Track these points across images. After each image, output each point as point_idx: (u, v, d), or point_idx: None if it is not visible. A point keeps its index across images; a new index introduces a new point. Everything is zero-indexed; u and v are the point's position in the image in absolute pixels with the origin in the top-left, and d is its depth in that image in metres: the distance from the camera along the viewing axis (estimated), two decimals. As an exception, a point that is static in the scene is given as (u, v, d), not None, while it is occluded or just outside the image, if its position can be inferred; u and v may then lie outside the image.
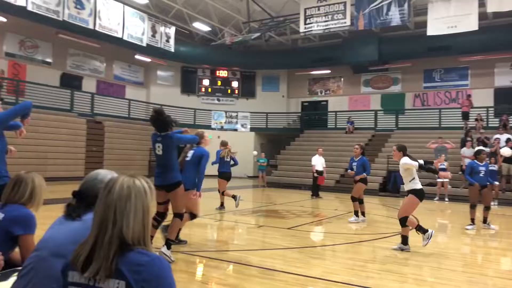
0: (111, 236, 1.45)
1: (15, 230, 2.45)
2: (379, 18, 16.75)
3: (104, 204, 1.49)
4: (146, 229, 1.52)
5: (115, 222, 1.46)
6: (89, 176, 2.05)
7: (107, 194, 1.50)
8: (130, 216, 1.47)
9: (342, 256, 5.97)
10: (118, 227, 1.46)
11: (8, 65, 18.25)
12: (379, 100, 23.56)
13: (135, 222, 1.48)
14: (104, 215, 1.48)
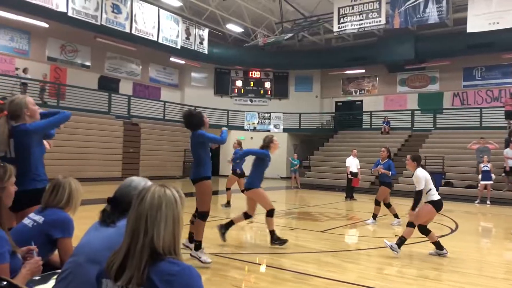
0: (143, 245, 1.47)
1: (54, 233, 2.52)
2: (416, 16, 16.29)
3: (136, 213, 1.51)
4: (177, 238, 1.53)
5: (146, 231, 1.48)
6: (123, 183, 2.09)
7: (139, 203, 1.52)
8: (161, 225, 1.49)
9: (377, 260, 5.82)
10: (149, 237, 1.48)
11: (50, 69, 19.00)
12: (415, 100, 22.96)
13: (166, 232, 1.49)
14: (135, 225, 1.50)
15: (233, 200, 10.70)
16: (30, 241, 2.38)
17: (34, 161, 3.37)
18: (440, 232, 8.27)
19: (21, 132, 3.34)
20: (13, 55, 17.79)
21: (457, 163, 16.62)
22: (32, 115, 3.49)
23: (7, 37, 17.57)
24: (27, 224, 2.56)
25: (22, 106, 3.42)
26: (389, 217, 10.07)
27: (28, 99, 3.52)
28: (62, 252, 2.55)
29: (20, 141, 3.34)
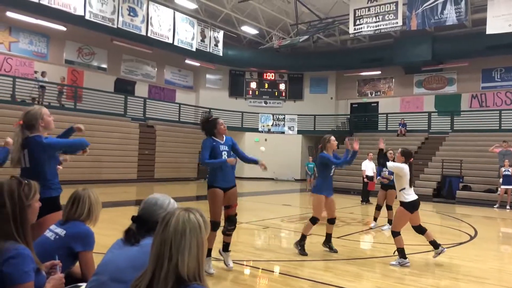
0: (167, 271, 1.46)
1: (75, 246, 2.54)
2: (433, 18, 16.06)
3: (160, 239, 1.51)
4: (201, 264, 1.53)
5: (170, 257, 1.47)
6: (148, 202, 2.08)
7: (163, 229, 1.52)
8: (185, 252, 1.48)
9: (395, 269, 5.73)
10: (174, 263, 1.47)
11: (68, 71, 19.26)
12: (432, 101, 22.65)
13: (190, 258, 1.49)
14: (160, 250, 1.49)
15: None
16: (52, 254, 2.40)
17: (49, 171, 3.44)
18: (459, 239, 8.13)
19: (35, 144, 3.42)
20: (32, 58, 18.09)
21: (476, 167, 16.33)
22: (47, 126, 3.55)
23: (27, 40, 17.88)
24: (49, 237, 2.58)
25: (37, 117, 3.49)
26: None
27: (44, 111, 3.58)
28: (84, 265, 2.57)
29: (33, 152, 3.42)
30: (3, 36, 17.16)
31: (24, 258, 1.88)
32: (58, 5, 15.10)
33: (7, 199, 1.93)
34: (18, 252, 1.88)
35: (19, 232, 1.94)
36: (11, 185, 1.98)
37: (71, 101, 17.90)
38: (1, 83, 15.52)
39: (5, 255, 1.85)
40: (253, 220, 9.41)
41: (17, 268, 1.86)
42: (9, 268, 1.86)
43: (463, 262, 6.18)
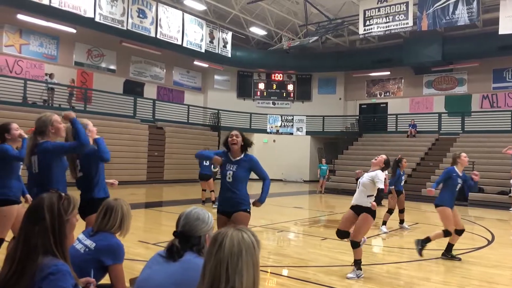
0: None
1: (106, 260, 2.50)
2: (445, 18, 15.93)
3: (215, 261, 1.46)
4: (257, 285, 1.48)
5: (227, 280, 1.43)
6: (190, 217, 2.04)
7: (217, 249, 1.47)
8: (243, 273, 1.44)
9: (416, 275, 5.64)
10: (231, 286, 1.42)
11: (77, 73, 19.31)
12: (442, 102, 22.48)
13: (248, 279, 1.44)
14: (216, 273, 1.44)
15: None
16: (82, 267, 2.37)
17: (55, 177, 3.49)
18: (476, 243, 8.02)
19: (42, 149, 3.49)
20: (42, 60, 18.16)
21: (488, 168, 16.15)
22: (56, 132, 3.62)
23: (37, 43, 17.94)
24: (79, 250, 2.54)
25: (47, 123, 3.56)
26: (422, 226, 9.87)
27: (55, 117, 3.64)
28: (114, 279, 2.54)
29: (41, 157, 3.48)
30: (14, 39, 17.23)
31: (64, 274, 1.84)
32: (68, 7, 15.14)
33: (46, 213, 1.89)
34: (58, 268, 1.84)
35: (57, 246, 1.90)
36: (51, 198, 1.94)
37: (81, 103, 17.95)
38: (13, 85, 15.58)
39: (44, 271, 1.81)
40: (268, 223, 9.35)
41: (57, 285, 1.82)
42: (49, 285, 1.82)
43: (485, 269, 6.08)
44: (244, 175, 4.37)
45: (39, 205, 1.92)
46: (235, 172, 4.35)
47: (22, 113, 14.33)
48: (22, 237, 1.89)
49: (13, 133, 4.22)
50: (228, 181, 4.35)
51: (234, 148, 4.36)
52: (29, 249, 1.84)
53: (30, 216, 1.92)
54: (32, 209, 1.94)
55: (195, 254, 1.99)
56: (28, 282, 1.78)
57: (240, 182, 4.35)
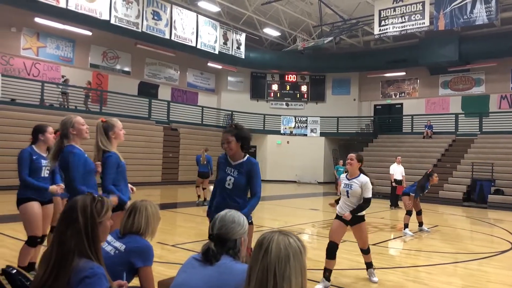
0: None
1: (135, 262, 2.47)
2: (462, 17, 15.68)
3: (261, 266, 1.42)
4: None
5: (275, 286, 1.39)
6: (226, 220, 1.99)
7: (263, 255, 1.42)
8: (291, 279, 1.40)
9: (440, 279, 5.52)
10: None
11: (93, 75, 19.48)
12: (459, 103, 22.15)
13: (296, 286, 1.40)
14: (263, 278, 1.40)
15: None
16: (113, 269, 2.34)
17: (76, 181, 3.40)
18: (500, 246, 7.83)
19: (63, 155, 3.43)
20: (59, 63, 18.35)
21: (507, 170, 15.85)
22: (79, 134, 3.55)
23: (54, 45, 18.14)
24: (109, 251, 2.52)
25: (68, 126, 3.51)
26: (442, 228, 9.71)
27: (76, 119, 3.59)
28: (143, 281, 2.51)
29: (61, 162, 3.44)
30: (31, 42, 17.45)
31: (99, 278, 1.82)
32: (84, 10, 15.29)
33: (80, 215, 1.88)
34: (94, 271, 1.82)
35: (91, 249, 1.89)
36: (84, 200, 1.93)
37: (96, 105, 18.09)
38: (30, 88, 15.77)
39: (80, 274, 1.79)
40: (282, 225, 9.28)
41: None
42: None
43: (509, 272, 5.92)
44: (245, 182, 3.76)
45: (72, 207, 1.91)
46: (236, 179, 3.73)
47: (39, 115, 14.48)
48: (56, 239, 1.88)
49: (47, 136, 4.36)
50: (227, 187, 3.76)
51: (230, 154, 3.80)
52: (63, 251, 1.82)
53: (64, 218, 1.92)
54: (66, 211, 1.93)
55: (231, 257, 1.94)
56: (64, 285, 1.76)
57: (240, 190, 3.76)
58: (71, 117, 3.59)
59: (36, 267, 4.59)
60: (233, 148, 3.68)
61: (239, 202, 3.71)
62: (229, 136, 3.67)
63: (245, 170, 3.71)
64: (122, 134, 3.89)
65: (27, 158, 4.23)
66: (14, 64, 16.94)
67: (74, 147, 3.45)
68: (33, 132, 4.39)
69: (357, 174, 5.09)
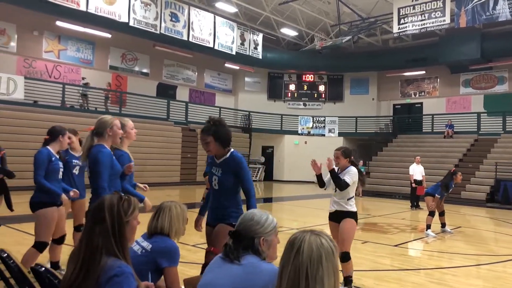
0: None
1: (161, 262, 2.47)
2: (485, 14, 15.34)
3: (293, 267, 1.38)
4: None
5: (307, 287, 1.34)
6: (245, 218, 2.00)
7: (295, 255, 1.39)
8: (324, 281, 1.36)
9: (465, 281, 5.40)
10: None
11: (112, 77, 19.73)
12: (481, 102, 21.67)
13: (329, 287, 1.35)
14: (294, 279, 1.36)
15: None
16: (139, 268, 2.34)
17: (104, 179, 3.36)
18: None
19: (92, 154, 3.38)
20: (79, 65, 18.65)
21: (532, 170, 15.44)
22: (114, 136, 3.51)
23: (74, 48, 18.44)
24: (136, 251, 2.53)
25: (106, 126, 3.46)
26: (465, 229, 9.51)
27: (116, 121, 3.54)
28: (169, 281, 2.51)
29: (90, 160, 3.39)
30: (53, 45, 17.78)
31: (127, 277, 1.82)
32: (104, 13, 15.49)
33: (107, 214, 1.89)
34: (122, 269, 1.82)
35: (118, 247, 1.89)
36: (112, 200, 1.95)
37: (115, 106, 18.31)
38: (52, 89, 16.06)
39: (109, 272, 1.80)
40: (301, 226, 9.22)
41: (122, 287, 1.80)
42: (113, 287, 1.79)
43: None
44: (232, 180, 3.41)
45: (99, 206, 1.93)
46: (220, 178, 3.42)
47: (60, 116, 14.74)
48: (85, 238, 1.89)
49: (65, 139, 4.41)
50: (214, 188, 3.50)
51: (211, 154, 3.50)
52: (92, 250, 1.83)
53: (91, 217, 1.93)
54: (93, 210, 1.95)
55: (258, 257, 1.91)
56: (93, 283, 1.76)
57: (227, 189, 3.42)
58: (111, 118, 3.56)
59: (60, 266, 4.66)
60: (212, 149, 3.40)
61: (227, 203, 3.41)
62: (207, 137, 3.38)
63: (230, 167, 3.39)
64: (134, 133, 3.86)
65: (46, 160, 4.17)
66: (36, 67, 17.28)
67: (104, 147, 3.41)
68: (53, 132, 4.34)
69: (348, 166, 4.74)
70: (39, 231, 4.16)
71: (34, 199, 4.20)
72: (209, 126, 3.40)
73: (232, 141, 3.55)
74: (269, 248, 1.97)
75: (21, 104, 14.77)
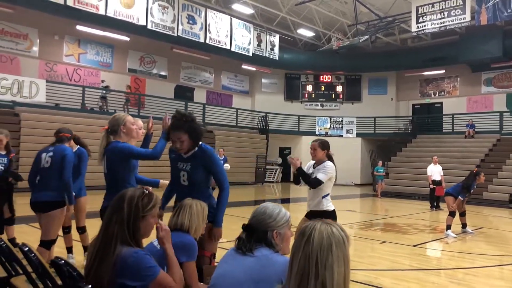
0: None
1: (180, 257, 2.50)
2: (506, 11, 15.02)
3: (303, 254, 1.38)
4: (347, 282, 1.39)
5: (317, 275, 1.34)
6: (258, 211, 2.03)
7: (305, 243, 1.39)
8: (334, 268, 1.35)
9: (487, 282, 5.28)
10: (320, 281, 1.34)
11: (130, 80, 20.01)
12: (503, 101, 21.20)
13: (339, 275, 1.35)
14: (305, 267, 1.36)
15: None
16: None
17: (122, 178, 3.40)
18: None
19: (110, 149, 3.41)
20: (98, 68, 18.99)
21: (557, 170, 15.02)
22: (128, 133, 3.53)
23: (94, 51, 18.79)
24: (155, 246, 2.56)
25: (119, 123, 3.50)
26: (487, 230, 9.32)
27: (128, 118, 3.59)
28: (188, 276, 2.54)
29: (109, 157, 3.41)
30: (73, 49, 18.15)
31: (144, 255, 1.94)
32: (122, 17, 15.74)
33: (125, 205, 1.99)
34: (138, 252, 1.94)
35: (131, 238, 1.98)
36: (133, 192, 2.05)
37: (134, 108, 18.54)
38: (72, 92, 16.37)
39: (125, 259, 1.89)
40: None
41: (141, 266, 1.92)
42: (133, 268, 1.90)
43: None
44: (203, 175, 3.22)
45: (121, 197, 2.03)
46: (190, 173, 3.22)
47: (81, 119, 15.03)
48: (103, 225, 2.00)
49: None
50: (183, 184, 3.27)
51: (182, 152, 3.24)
52: (107, 237, 1.93)
53: (112, 206, 2.03)
54: (115, 200, 2.04)
55: (271, 250, 1.92)
56: (109, 268, 1.86)
57: (199, 184, 3.23)
58: (124, 115, 3.61)
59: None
60: (185, 147, 3.17)
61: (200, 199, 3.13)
62: (182, 135, 3.13)
63: (200, 161, 3.19)
64: (138, 132, 3.70)
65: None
66: (57, 70, 17.66)
67: (120, 143, 3.45)
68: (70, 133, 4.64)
69: (324, 161, 4.43)
70: (49, 229, 4.20)
71: (56, 198, 4.21)
72: (181, 122, 3.16)
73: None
74: (283, 241, 1.97)
75: (43, 107, 15.10)
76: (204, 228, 2.89)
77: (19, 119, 14.18)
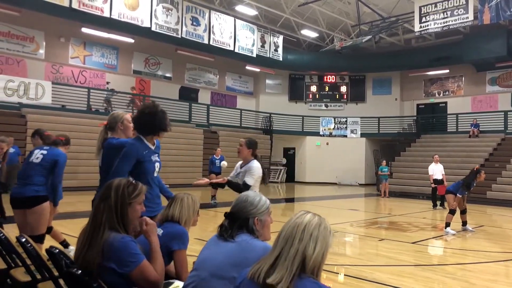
0: (297, 250, 1.51)
1: (172, 245, 2.61)
2: (509, 10, 14.99)
3: (294, 223, 1.57)
4: (322, 264, 1.55)
5: (301, 239, 1.52)
6: (239, 199, 2.13)
7: (297, 217, 1.59)
8: (317, 242, 1.52)
9: (480, 277, 5.33)
10: (303, 244, 1.51)
11: (136, 81, 20.21)
12: (508, 100, 21.12)
13: (317, 250, 1.52)
14: (291, 233, 1.55)
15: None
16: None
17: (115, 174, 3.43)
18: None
19: (107, 145, 3.53)
20: (104, 70, 19.20)
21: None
22: (125, 130, 3.65)
23: (99, 53, 19.00)
24: None
25: (117, 120, 3.63)
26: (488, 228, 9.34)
27: (126, 116, 3.72)
28: (178, 264, 2.64)
29: (105, 153, 3.53)
30: (79, 51, 18.38)
31: (129, 242, 2.05)
32: (127, 19, 15.91)
33: (112, 193, 2.13)
34: (124, 238, 2.06)
35: (119, 224, 2.11)
36: (120, 181, 2.20)
37: (139, 110, 18.69)
38: (78, 94, 16.59)
39: (112, 244, 2.01)
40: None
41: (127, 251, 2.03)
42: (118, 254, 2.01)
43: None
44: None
45: (108, 186, 2.17)
46: (161, 164, 3.41)
47: (86, 120, 15.23)
48: (92, 213, 2.13)
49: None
50: (155, 176, 3.35)
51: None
52: (96, 224, 2.07)
53: (100, 195, 2.17)
54: (103, 189, 2.18)
55: (251, 236, 2.01)
56: (97, 253, 1.97)
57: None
58: (122, 113, 3.74)
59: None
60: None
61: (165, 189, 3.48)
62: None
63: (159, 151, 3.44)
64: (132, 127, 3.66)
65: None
66: (63, 72, 17.89)
67: (115, 139, 3.56)
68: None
69: (250, 160, 4.48)
70: (39, 226, 4.29)
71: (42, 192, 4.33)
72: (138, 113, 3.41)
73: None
74: (263, 227, 2.07)
75: (49, 109, 15.31)
76: (196, 221, 3.00)
77: (25, 121, 14.39)
